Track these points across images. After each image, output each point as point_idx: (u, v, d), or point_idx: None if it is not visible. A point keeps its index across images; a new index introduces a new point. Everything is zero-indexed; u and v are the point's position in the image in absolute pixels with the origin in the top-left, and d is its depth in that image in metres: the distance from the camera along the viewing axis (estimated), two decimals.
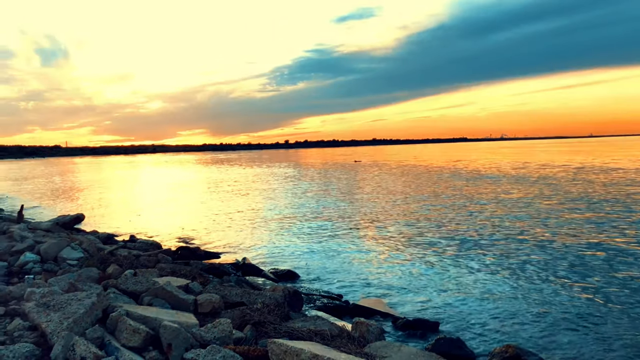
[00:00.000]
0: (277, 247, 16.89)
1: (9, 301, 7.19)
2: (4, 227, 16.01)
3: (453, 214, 22.66)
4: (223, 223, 22.56)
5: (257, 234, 19.40)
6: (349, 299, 11.02)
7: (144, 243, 16.38)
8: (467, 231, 18.35)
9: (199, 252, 15.47)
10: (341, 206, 27.00)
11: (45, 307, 6.19)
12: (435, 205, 25.69)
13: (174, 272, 10.68)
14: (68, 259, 11.39)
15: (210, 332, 6.32)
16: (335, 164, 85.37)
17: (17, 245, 12.44)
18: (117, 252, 12.89)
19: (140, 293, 8.04)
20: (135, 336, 5.83)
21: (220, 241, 18.25)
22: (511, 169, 53.43)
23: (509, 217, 21.11)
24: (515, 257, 14.32)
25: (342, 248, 16.40)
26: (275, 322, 7.42)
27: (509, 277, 12.37)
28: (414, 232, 18.52)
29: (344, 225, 20.62)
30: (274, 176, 55.96)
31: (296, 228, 20.48)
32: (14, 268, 10.69)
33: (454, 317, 9.84)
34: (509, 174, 46.12)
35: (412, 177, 47.19)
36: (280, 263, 14.68)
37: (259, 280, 12.46)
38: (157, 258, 12.76)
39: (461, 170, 54.83)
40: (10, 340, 5.63)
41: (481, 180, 40.53)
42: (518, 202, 25.83)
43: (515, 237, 16.96)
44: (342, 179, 48.21)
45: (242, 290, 9.13)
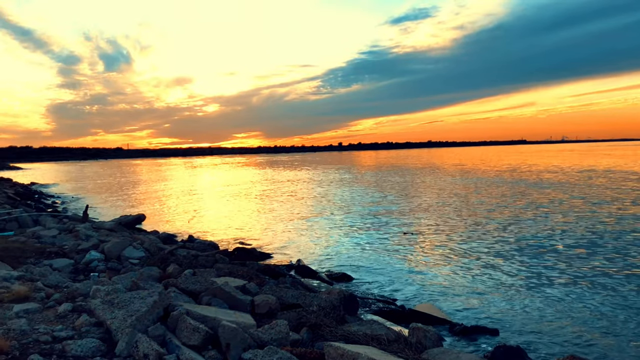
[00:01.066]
0: (331, 249, 16.90)
1: (76, 297, 7.49)
2: (70, 226, 16.73)
3: (511, 219, 22.05)
4: (277, 224, 22.78)
5: (311, 236, 19.48)
6: (404, 304, 10.89)
7: (202, 243, 16.75)
8: (526, 237, 17.81)
9: (255, 253, 15.68)
10: (395, 209, 26.77)
11: (110, 305, 6.41)
12: (492, 210, 25.09)
13: (231, 272, 10.85)
14: (130, 257, 11.77)
15: (267, 333, 6.38)
16: (389, 166, 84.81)
17: (82, 244, 12.97)
18: (177, 251, 13.22)
19: (199, 292, 8.20)
20: (195, 335, 5.94)
21: (274, 242, 18.43)
22: (573, 173, 51.58)
23: (573, 223, 20.37)
24: (579, 265, 13.78)
25: (396, 251, 16.24)
26: (331, 325, 7.41)
27: (571, 284, 11.92)
28: (470, 236, 18.14)
29: (398, 229, 20.42)
30: (327, 178, 56.10)
31: (350, 230, 20.43)
32: (80, 265, 11.15)
33: (513, 324, 9.56)
34: (571, 179, 44.53)
35: (467, 180, 46.27)
36: (334, 265, 14.68)
37: (313, 282, 12.50)
38: (214, 258, 13.00)
39: (519, 174, 53.35)
40: (78, 335, 5.85)
41: (541, 184, 39.32)
42: (582, 208, 24.90)
43: (579, 244, 16.33)
44: (395, 182, 47.81)
45: (297, 292, 9.17)
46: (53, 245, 13.09)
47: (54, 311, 6.79)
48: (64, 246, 12.90)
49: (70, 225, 16.83)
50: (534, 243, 16.70)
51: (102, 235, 14.59)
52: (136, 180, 64.75)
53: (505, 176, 49.59)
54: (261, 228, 22.00)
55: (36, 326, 6.09)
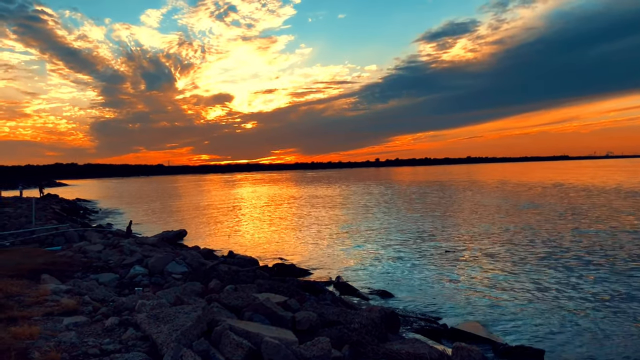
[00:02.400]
0: (370, 266, 16.78)
1: (122, 311, 7.65)
2: (115, 241, 17.14)
3: (557, 238, 21.50)
4: (316, 240, 22.78)
5: (349, 252, 19.41)
6: (446, 322, 10.70)
7: (242, 259, 16.89)
8: (573, 258, 17.33)
9: (295, 269, 15.71)
10: (434, 226, 26.45)
11: (155, 319, 6.52)
12: (537, 229, 24.52)
13: (271, 288, 10.89)
14: (173, 272, 11.96)
15: (309, 350, 6.37)
16: (428, 182, 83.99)
17: (127, 259, 13.26)
18: (218, 267, 13.37)
19: (241, 308, 8.26)
20: (238, 350, 5.99)
21: (313, 258, 18.43)
22: (615, 190, 50.03)
23: (619, 243, 19.73)
24: (631, 285, 13.31)
25: (435, 269, 16.02)
26: (373, 342, 7.35)
27: (624, 306, 11.51)
28: (513, 255, 17.75)
29: (436, 246, 20.15)
30: (364, 195, 55.90)
31: (388, 248, 20.27)
32: (124, 280, 11.39)
33: (558, 346, 9.28)
34: (611, 195, 43.22)
35: (508, 198, 45.40)
36: (374, 282, 14.57)
37: (354, 299, 12.43)
38: (255, 274, 13.09)
39: (561, 192, 52.05)
40: (125, 348, 5.97)
41: (585, 204, 38.27)
42: (622, 227, 24.10)
43: (629, 266, 15.80)
44: (435, 198, 47.29)
45: (338, 309, 9.13)
46: (99, 259, 13.42)
47: (102, 324, 6.95)
48: (109, 261, 13.21)
49: (115, 241, 17.23)
50: (581, 264, 16.22)
51: (145, 250, 14.88)
52: (177, 196, 65.92)
53: (547, 194, 48.46)
54: (300, 244, 22.04)
55: (85, 339, 6.24)
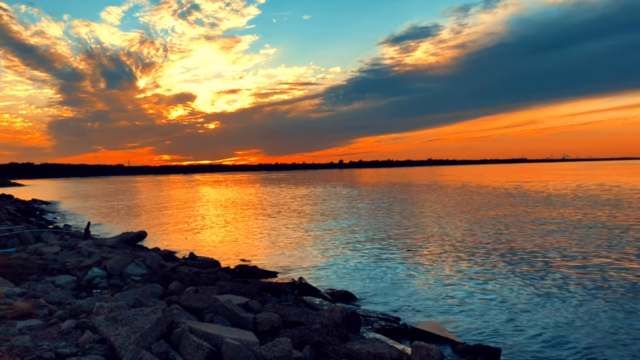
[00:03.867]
0: (332, 267, 16.87)
1: (80, 314, 7.50)
2: (72, 243, 16.74)
3: (514, 237, 22.04)
4: (278, 242, 22.76)
5: (311, 254, 19.46)
6: (406, 322, 10.85)
7: (204, 261, 16.73)
8: (529, 256, 17.79)
9: (257, 271, 15.66)
10: (395, 227, 26.76)
11: (113, 321, 6.41)
12: (495, 229, 25.07)
13: (233, 290, 10.84)
14: (132, 274, 11.77)
15: (270, 351, 6.37)
16: (390, 184, 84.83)
17: (85, 261, 12.97)
18: (179, 269, 13.22)
19: (201, 310, 8.20)
20: (198, 352, 5.94)
21: (276, 260, 18.41)
22: (573, 191, 51.63)
23: (576, 241, 20.35)
24: (583, 283, 13.75)
25: (397, 269, 16.22)
26: (334, 343, 7.39)
27: (576, 304, 11.89)
28: (472, 255, 18.11)
29: (398, 247, 20.40)
30: (327, 196, 56.10)
31: (350, 248, 20.41)
32: (82, 282, 11.13)
33: (515, 344, 9.51)
34: (571, 197, 44.57)
35: (469, 199, 46.28)
36: (336, 283, 14.65)
37: (316, 300, 12.47)
38: (216, 276, 13.00)
39: (520, 192, 53.36)
40: (82, 352, 5.85)
41: (540, 203, 39.33)
42: (584, 226, 24.89)
43: (583, 264, 16.31)
44: (397, 200, 47.82)
45: (300, 310, 9.15)
46: (55, 261, 13.09)
47: (57, 328, 6.79)
48: (66, 263, 12.90)
49: (72, 242, 16.83)
50: (537, 261, 16.67)
51: (104, 252, 14.59)
52: (137, 197, 64.80)
53: (506, 195, 49.60)
54: (262, 246, 21.98)
55: (40, 343, 6.09)
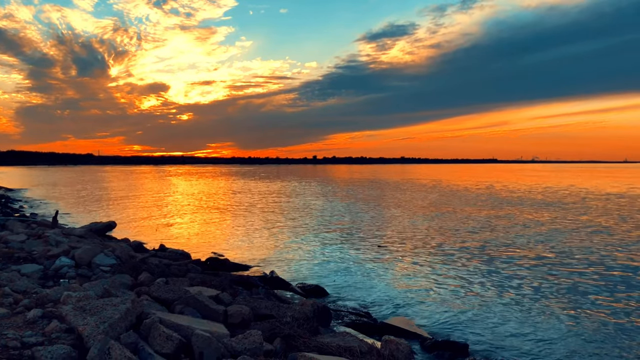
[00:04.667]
0: (305, 262, 16.90)
1: (46, 304, 7.35)
2: (39, 232, 16.39)
3: (479, 234, 22.37)
4: (251, 235, 22.69)
5: (284, 248, 19.45)
6: (377, 317, 10.95)
7: (174, 252, 16.57)
8: (497, 251, 18.09)
9: (228, 264, 15.59)
10: (367, 223, 26.92)
11: (82, 311, 6.31)
12: (464, 225, 25.42)
13: (204, 282, 10.77)
14: (101, 265, 11.59)
15: (241, 343, 6.36)
16: (363, 180, 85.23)
17: (52, 250, 12.72)
18: (149, 260, 13.07)
19: (172, 301, 8.13)
20: (168, 343, 5.90)
21: (248, 253, 18.35)
22: (539, 192, 52.65)
23: (540, 238, 20.76)
24: (549, 278, 14.05)
25: (369, 265, 16.33)
26: (305, 336, 7.42)
27: (542, 298, 12.14)
28: (443, 250, 18.34)
29: (370, 243, 20.53)
30: (300, 191, 56.11)
31: (323, 243, 20.47)
32: (49, 272, 10.92)
33: (483, 338, 9.69)
34: (537, 197, 45.43)
35: (440, 196, 46.81)
36: (307, 278, 14.69)
37: (287, 294, 12.47)
38: (187, 268, 12.89)
39: (489, 190, 54.20)
40: (49, 341, 5.75)
41: (508, 202, 40.01)
42: (549, 223, 25.41)
43: (548, 258, 16.66)
44: (369, 196, 48.08)
45: (271, 303, 9.16)
46: (22, 250, 12.81)
47: (23, 317, 6.65)
48: (32, 251, 12.63)
49: (40, 231, 16.50)
50: (505, 258, 16.96)
51: (72, 241, 14.33)
52: (107, 187, 63.78)
53: (476, 194, 50.31)
54: (234, 239, 21.88)
55: (4, 331, 5.95)
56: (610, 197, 44.52)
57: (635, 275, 14.78)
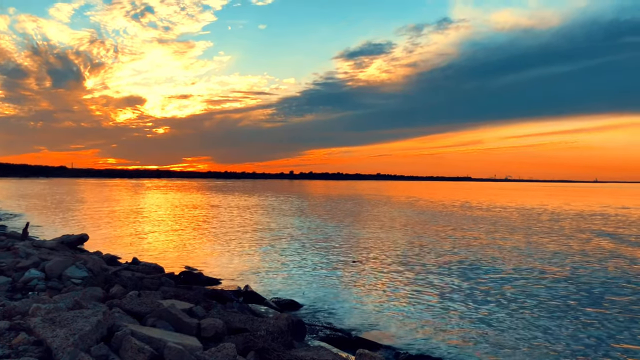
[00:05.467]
0: (280, 276, 16.82)
1: (14, 316, 7.18)
2: (9, 244, 16.03)
3: (454, 250, 22.56)
4: (225, 249, 22.51)
5: (259, 262, 19.34)
6: (351, 331, 10.93)
7: (147, 266, 16.33)
8: (469, 267, 18.25)
9: (202, 278, 15.42)
10: (343, 239, 26.94)
11: (51, 323, 6.19)
12: (437, 242, 25.60)
13: (177, 295, 10.64)
14: (72, 277, 11.38)
15: (214, 356, 6.29)
16: (339, 196, 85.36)
17: (22, 262, 12.44)
18: (121, 273, 12.87)
19: (144, 314, 8.02)
20: (139, 355, 5.81)
21: (222, 267, 18.19)
22: (514, 209, 53.38)
23: (518, 254, 21.02)
24: (519, 294, 14.22)
25: (343, 279, 16.32)
26: (279, 349, 7.37)
27: (509, 313, 12.27)
28: (415, 266, 18.43)
29: (345, 257, 20.54)
30: (276, 206, 55.95)
31: (298, 258, 20.42)
32: (17, 284, 10.67)
33: (457, 352, 9.74)
34: (512, 215, 46.06)
35: (415, 212, 47.13)
36: (282, 292, 14.61)
37: (261, 308, 12.39)
38: (160, 281, 12.72)
39: (464, 208, 54.77)
40: (15, 354, 5.61)
41: (483, 220, 40.48)
42: (525, 240, 25.75)
43: (526, 277, 16.86)
44: (345, 211, 48.18)
45: (245, 317, 9.09)
46: None
47: None
48: (1, 263, 12.35)
49: (9, 243, 16.13)
50: (478, 273, 17.11)
51: (43, 253, 14.04)
52: (79, 200, 62.74)
53: (450, 210, 50.79)
54: (208, 253, 21.69)
55: None
56: (584, 216, 45.38)
57: (612, 289, 15.04)
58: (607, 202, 76.58)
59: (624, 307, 13.26)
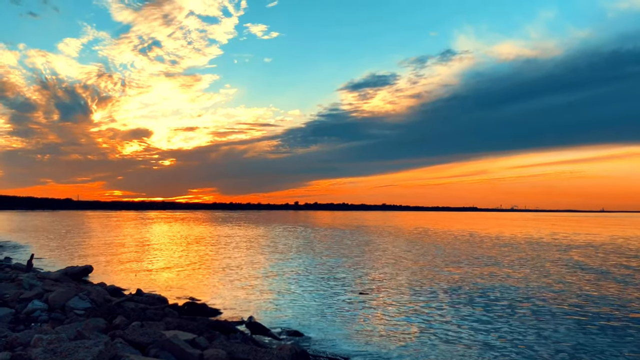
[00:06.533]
0: (284, 307, 16.68)
1: (15, 347, 7.15)
2: (13, 275, 16.04)
3: (461, 280, 22.35)
4: (229, 280, 22.38)
5: (263, 293, 19.20)
6: None
7: (151, 297, 16.26)
8: (478, 297, 18.06)
9: (206, 308, 15.32)
10: (348, 269, 26.76)
11: (52, 353, 6.15)
12: (443, 272, 25.39)
13: (180, 326, 10.57)
14: (75, 308, 11.34)
15: None
16: (344, 227, 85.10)
17: (25, 293, 12.43)
18: (125, 304, 12.81)
19: (146, 344, 7.96)
20: None
21: (226, 298, 18.07)
22: (519, 240, 53.02)
23: (524, 283, 20.81)
24: (530, 326, 14.04)
25: (349, 311, 16.16)
26: None
27: (513, 342, 12.09)
28: (422, 299, 18.25)
29: (350, 288, 20.37)
30: (281, 236, 55.77)
31: (303, 288, 20.26)
32: (20, 315, 10.64)
33: None
34: (517, 245, 45.73)
35: (420, 243, 46.86)
36: (286, 322, 14.47)
37: (265, 338, 12.27)
38: (163, 312, 12.65)
39: (468, 238, 54.45)
40: None
41: (491, 248, 40.22)
42: (530, 269, 25.52)
43: (533, 309, 16.66)
44: (349, 242, 47.96)
45: (249, 348, 8.99)
46: None
47: None
48: (4, 294, 12.34)
49: (13, 275, 16.14)
50: (488, 303, 16.92)
51: (47, 285, 14.02)
52: (85, 232, 62.80)
53: (458, 240, 50.49)
54: (212, 283, 21.57)
55: None
56: (591, 245, 45.00)
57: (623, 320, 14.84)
58: (616, 232, 76.01)
59: None
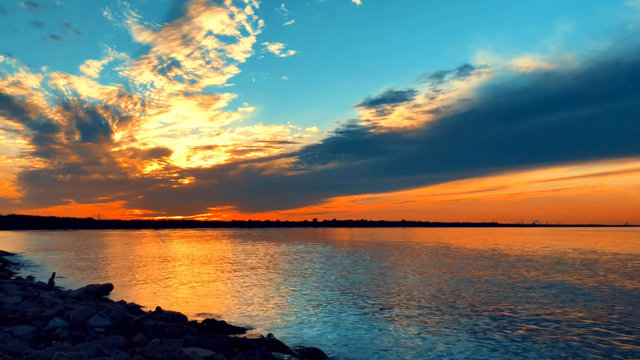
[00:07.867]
0: (304, 324, 16.58)
1: None
2: (35, 293, 16.21)
3: (493, 299, 22.04)
4: (249, 298, 22.35)
5: (283, 310, 19.12)
6: None
7: (170, 314, 16.29)
8: (504, 314, 17.78)
9: (225, 326, 15.29)
10: (369, 286, 26.56)
11: None
12: (471, 289, 25.07)
13: (199, 343, 10.55)
14: (96, 326, 11.40)
15: None
16: (363, 243, 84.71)
17: (46, 311, 12.54)
18: (144, 321, 12.84)
19: None
20: None
21: (246, 315, 18.03)
22: (539, 253, 52.27)
23: (550, 302, 20.46)
24: (549, 344, 13.76)
25: (370, 328, 15.99)
26: None
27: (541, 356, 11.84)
28: (446, 314, 18.01)
29: (371, 305, 20.19)
30: (300, 253, 55.66)
31: (323, 306, 20.13)
32: (42, 333, 10.73)
33: None
34: (537, 257, 45.07)
35: (443, 260, 46.42)
36: (306, 340, 14.37)
37: (284, 356, 12.19)
38: (183, 329, 12.65)
39: (490, 254, 53.81)
40: None
41: (513, 266, 39.68)
42: (557, 287, 25.10)
43: (553, 329, 16.36)
44: (370, 259, 47.68)
45: None
46: (15, 312, 12.64)
47: None
48: (26, 313, 12.47)
49: (35, 293, 16.31)
50: (510, 322, 16.64)
51: (67, 303, 14.14)
52: (105, 251, 63.39)
53: (479, 257, 49.92)
54: (232, 301, 21.56)
55: None
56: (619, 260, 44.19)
57: None
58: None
59: None
